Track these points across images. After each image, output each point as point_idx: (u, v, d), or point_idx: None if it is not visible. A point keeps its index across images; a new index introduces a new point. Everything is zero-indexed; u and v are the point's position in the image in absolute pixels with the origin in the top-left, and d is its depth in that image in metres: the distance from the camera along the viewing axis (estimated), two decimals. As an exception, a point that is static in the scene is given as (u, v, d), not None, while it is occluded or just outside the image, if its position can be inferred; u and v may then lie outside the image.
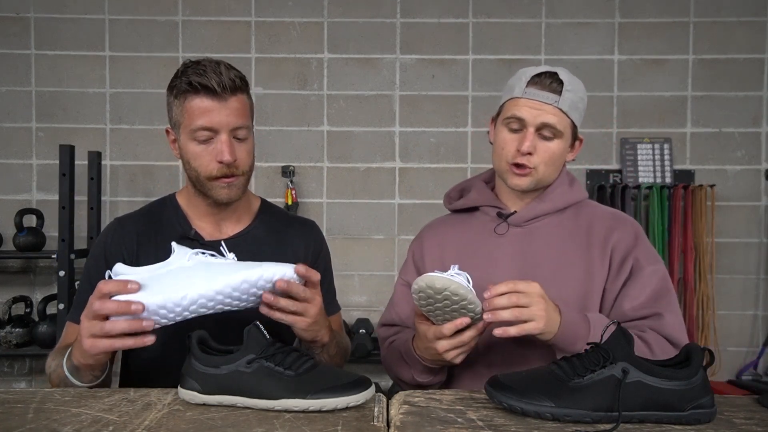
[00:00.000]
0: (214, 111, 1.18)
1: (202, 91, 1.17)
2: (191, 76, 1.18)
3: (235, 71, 1.21)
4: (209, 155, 1.20)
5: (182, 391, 0.96)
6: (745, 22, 3.09)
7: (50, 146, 3.05)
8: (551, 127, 1.23)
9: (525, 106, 1.23)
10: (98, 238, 1.35)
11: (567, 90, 1.23)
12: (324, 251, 1.42)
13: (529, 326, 1.06)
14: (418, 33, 3.13)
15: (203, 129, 1.18)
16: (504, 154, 1.27)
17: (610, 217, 1.32)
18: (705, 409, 0.87)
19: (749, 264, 3.09)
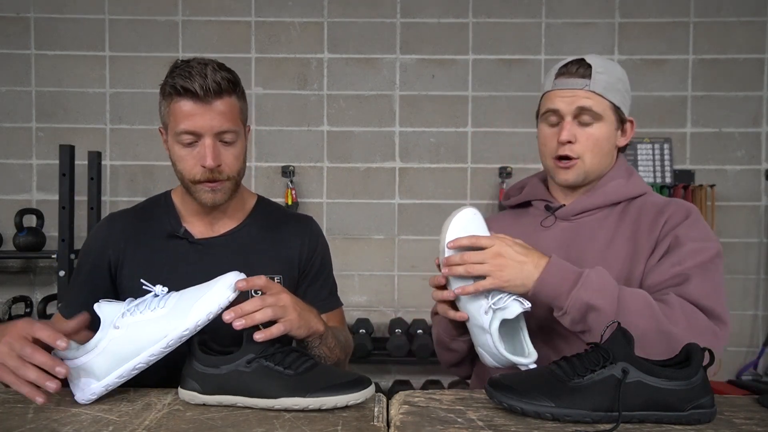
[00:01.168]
0: (197, 115, 1.15)
1: (186, 94, 1.15)
2: (176, 78, 1.15)
3: (223, 73, 1.17)
4: (193, 159, 1.18)
5: (182, 391, 0.96)
6: (745, 22, 3.09)
7: (50, 146, 3.05)
8: (587, 110, 1.20)
9: (557, 97, 1.22)
10: (91, 232, 1.34)
11: (597, 72, 1.21)
12: (321, 246, 1.39)
13: (484, 283, 1.03)
14: (418, 33, 3.13)
15: (186, 133, 1.16)
16: (547, 150, 1.25)
17: (663, 203, 1.25)
18: (705, 409, 0.87)
19: (749, 264, 3.09)
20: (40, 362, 0.89)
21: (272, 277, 1.28)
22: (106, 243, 1.27)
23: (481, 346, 1.07)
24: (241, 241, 1.29)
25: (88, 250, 1.30)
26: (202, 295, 0.96)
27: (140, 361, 0.93)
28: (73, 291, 1.30)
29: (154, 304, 0.95)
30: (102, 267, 1.26)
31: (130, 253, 1.26)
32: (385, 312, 3.12)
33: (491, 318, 1.03)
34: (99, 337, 0.94)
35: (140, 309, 0.95)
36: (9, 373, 0.89)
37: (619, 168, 1.29)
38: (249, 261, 1.27)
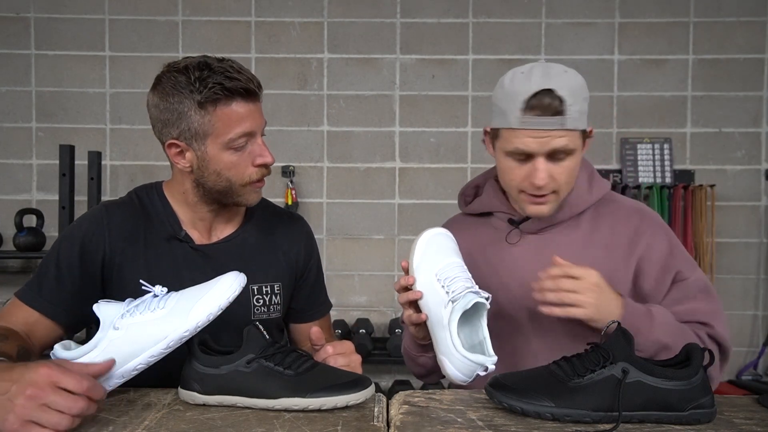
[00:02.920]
0: (249, 115, 1.12)
1: (235, 95, 1.09)
2: (222, 81, 1.07)
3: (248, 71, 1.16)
4: (245, 161, 1.14)
5: (182, 391, 0.96)
6: (745, 22, 3.09)
7: (50, 146, 3.05)
8: (562, 150, 1.11)
9: (528, 137, 1.10)
10: (79, 220, 1.20)
11: (570, 105, 1.09)
12: (315, 249, 1.38)
13: (574, 311, 1.05)
14: (418, 33, 3.13)
15: (244, 135, 1.12)
16: (514, 185, 1.17)
17: (636, 215, 1.23)
18: (705, 409, 0.87)
19: (749, 264, 3.09)
20: (78, 410, 0.81)
21: (272, 285, 1.27)
22: (101, 237, 1.16)
23: (443, 350, 1.04)
24: (239, 248, 1.26)
25: (76, 236, 1.17)
26: (203, 295, 0.95)
27: (140, 362, 0.93)
28: (46, 278, 1.14)
29: (154, 304, 0.95)
30: (94, 260, 1.16)
31: (130, 254, 1.18)
32: (385, 312, 3.12)
33: (450, 311, 1.01)
34: (99, 337, 0.93)
35: (140, 310, 0.94)
36: (38, 427, 0.80)
37: (582, 174, 1.24)
38: (249, 267, 1.21)
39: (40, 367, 0.81)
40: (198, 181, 1.17)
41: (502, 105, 1.14)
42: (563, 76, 1.11)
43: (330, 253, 3.12)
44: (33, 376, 0.80)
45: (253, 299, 1.24)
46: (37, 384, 0.79)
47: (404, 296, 1.10)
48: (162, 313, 0.93)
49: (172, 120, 1.12)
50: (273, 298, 1.27)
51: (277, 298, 1.27)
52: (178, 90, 1.10)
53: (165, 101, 1.12)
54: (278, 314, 1.28)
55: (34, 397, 0.79)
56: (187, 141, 1.13)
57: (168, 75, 1.12)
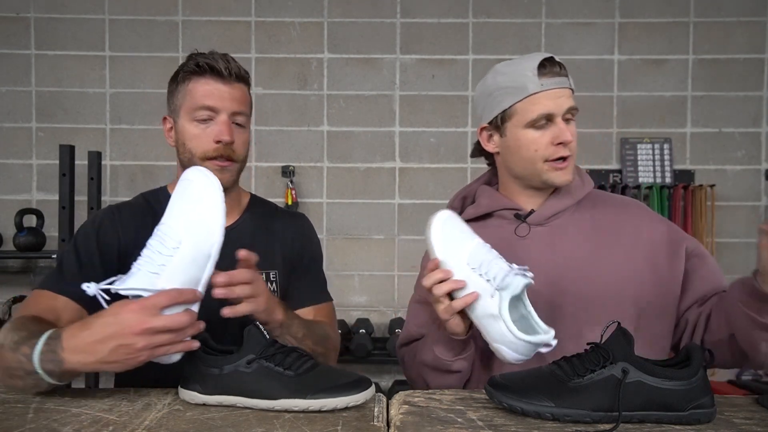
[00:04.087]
0: (217, 92, 1.21)
1: (209, 72, 1.21)
2: (199, 59, 1.22)
3: (241, 65, 1.26)
4: (207, 136, 1.22)
5: (182, 391, 0.96)
6: (745, 22, 3.09)
7: (50, 146, 3.05)
8: (573, 109, 1.20)
9: (547, 99, 1.17)
10: (90, 218, 1.30)
11: (566, 68, 1.22)
12: (312, 242, 1.41)
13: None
14: (418, 33, 3.13)
15: (204, 108, 1.21)
16: (539, 155, 1.19)
17: (631, 204, 1.30)
18: (705, 409, 0.87)
19: (749, 264, 3.06)
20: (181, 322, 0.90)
21: (268, 273, 1.31)
22: (115, 230, 1.24)
23: (497, 338, 1.02)
24: (237, 238, 1.29)
25: (91, 232, 1.24)
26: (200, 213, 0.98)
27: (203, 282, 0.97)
28: (69, 268, 1.19)
29: (165, 249, 0.94)
30: (110, 251, 1.21)
31: (142, 244, 1.16)
32: (385, 312, 3.12)
33: (499, 301, 1.00)
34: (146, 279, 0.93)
35: (160, 260, 0.94)
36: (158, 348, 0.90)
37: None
38: None
39: (128, 305, 0.89)
40: (178, 157, 1.28)
41: (513, 84, 1.19)
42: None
43: (330, 253, 3.12)
44: (130, 317, 0.88)
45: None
46: (140, 320, 0.88)
47: (444, 286, 1.04)
48: (183, 247, 0.94)
49: (168, 99, 1.28)
50: (269, 286, 1.29)
51: (272, 285, 1.31)
52: (175, 73, 1.27)
53: (169, 84, 1.28)
54: None
55: (146, 330, 0.88)
56: (172, 115, 1.27)
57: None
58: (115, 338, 0.88)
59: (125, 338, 0.88)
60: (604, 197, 1.31)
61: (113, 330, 0.88)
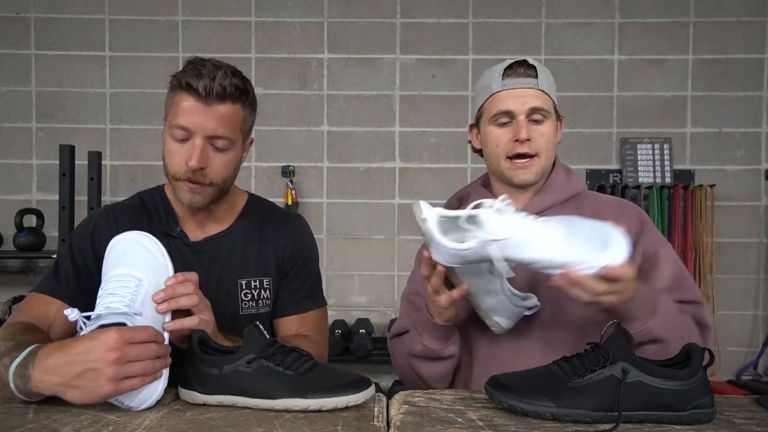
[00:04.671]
0: (194, 113, 1.14)
1: (189, 90, 1.14)
2: (186, 73, 1.15)
3: (235, 80, 1.16)
4: (181, 155, 1.16)
5: (182, 391, 0.96)
6: (745, 22, 3.09)
7: (50, 146, 3.05)
8: (540, 109, 1.22)
9: (508, 98, 1.22)
10: (86, 220, 1.29)
11: (541, 72, 1.24)
12: (305, 245, 1.36)
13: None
14: (418, 33, 3.13)
15: (180, 128, 1.15)
16: (499, 151, 1.25)
17: (616, 204, 1.30)
18: (705, 409, 0.87)
19: (749, 264, 3.09)
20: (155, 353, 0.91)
21: (262, 280, 1.29)
22: (109, 231, 1.22)
23: (496, 310, 1.11)
24: (230, 244, 1.29)
25: (85, 233, 1.24)
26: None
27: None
28: (64, 272, 1.20)
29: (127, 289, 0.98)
30: (104, 254, 1.18)
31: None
32: (385, 312, 3.12)
33: (498, 276, 1.05)
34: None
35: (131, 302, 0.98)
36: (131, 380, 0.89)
37: (559, 166, 1.32)
38: (236, 262, 1.27)
39: (107, 332, 0.88)
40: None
41: (485, 83, 1.27)
42: (530, 58, 1.27)
43: (330, 253, 3.12)
44: (108, 341, 0.87)
45: (241, 293, 1.27)
46: (116, 346, 0.87)
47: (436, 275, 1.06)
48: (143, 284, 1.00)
49: (166, 99, 1.23)
50: (262, 293, 1.29)
51: (266, 292, 1.30)
52: (173, 74, 1.21)
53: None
54: (267, 309, 1.30)
55: (118, 359, 0.86)
56: (165, 119, 1.22)
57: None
58: (85, 362, 0.87)
59: (96, 363, 0.86)
60: (593, 198, 1.32)
61: (86, 353, 0.87)
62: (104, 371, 0.86)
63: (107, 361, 0.86)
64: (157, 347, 0.92)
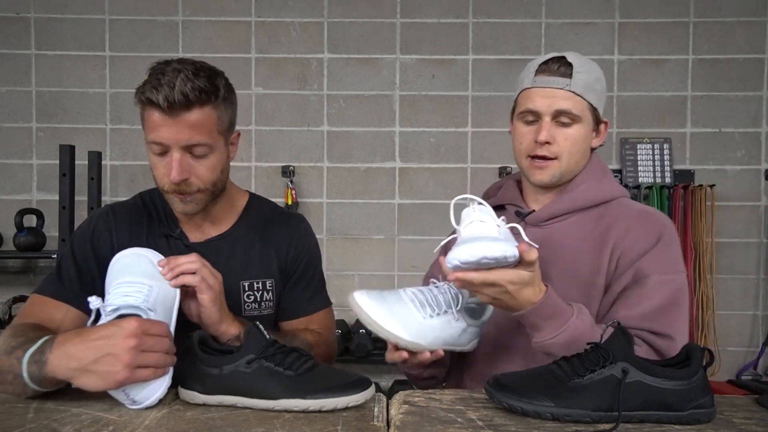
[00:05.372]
0: (164, 127, 1.10)
1: (152, 105, 1.10)
2: (147, 86, 1.10)
3: (198, 82, 1.09)
4: (164, 168, 1.14)
5: (182, 391, 0.96)
6: (745, 22, 3.09)
7: (50, 146, 3.05)
8: (566, 112, 1.17)
9: (537, 96, 1.19)
10: (86, 220, 1.29)
11: (578, 72, 1.18)
12: (308, 247, 1.35)
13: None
14: (418, 33, 3.13)
15: (154, 143, 1.12)
16: (522, 149, 1.22)
17: (636, 216, 1.20)
18: (705, 408, 0.87)
19: (749, 264, 3.09)
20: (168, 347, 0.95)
21: (265, 282, 1.28)
22: (109, 232, 1.24)
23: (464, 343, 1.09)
24: (232, 246, 1.28)
25: (86, 234, 1.24)
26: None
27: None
28: (69, 273, 1.20)
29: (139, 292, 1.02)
30: (105, 254, 1.19)
31: (135, 245, 1.20)
32: (385, 312, 3.12)
33: (462, 318, 1.06)
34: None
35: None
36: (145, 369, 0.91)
37: (591, 170, 1.26)
38: (238, 264, 1.27)
39: (128, 320, 0.91)
40: None
41: (521, 77, 1.25)
42: (578, 55, 1.22)
43: (330, 253, 3.12)
44: (129, 327, 0.90)
45: (243, 295, 1.27)
46: (136, 333, 0.89)
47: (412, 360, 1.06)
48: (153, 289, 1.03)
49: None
50: (264, 295, 1.28)
51: (269, 294, 1.29)
52: (137, 88, 1.15)
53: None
54: (271, 311, 1.30)
55: (137, 345, 0.89)
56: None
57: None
58: (105, 346, 0.89)
59: (115, 348, 0.88)
60: (623, 208, 1.23)
61: (105, 338, 0.90)
62: (122, 357, 0.88)
63: (126, 347, 0.88)
64: (169, 343, 0.95)
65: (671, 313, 1.12)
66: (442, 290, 1.05)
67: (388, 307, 1.01)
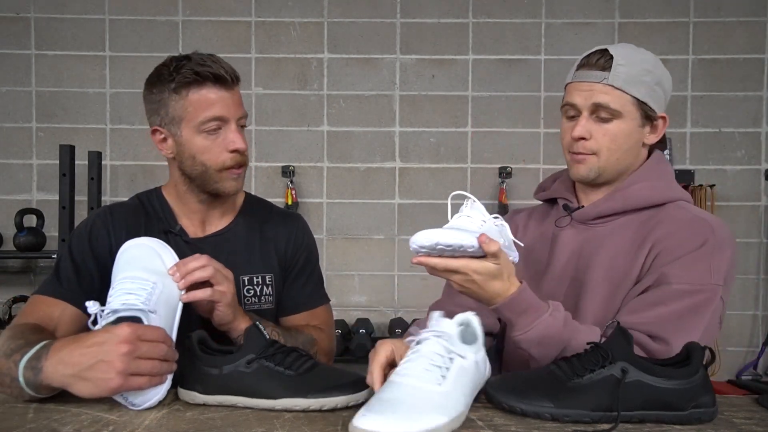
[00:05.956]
0: (223, 100, 1.17)
1: (210, 80, 1.16)
2: (194, 67, 1.16)
3: (226, 63, 1.21)
4: (218, 147, 1.18)
5: (182, 391, 0.96)
6: (745, 22, 3.09)
7: (50, 146, 3.05)
8: (604, 107, 1.13)
9: (576, 90, 1.16)
10: (84, 221, 1.30)
11: (619, 64, 1.13)
12: (306, 243, 1.38)
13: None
14: (418, 33, 3.13)
15: (214, 119, 1.17)
16: (564, 143, 1.21)
17: (686, 220, 1.13)
18: (706, 408, 0.87)
19: (749, 264, 3.09)
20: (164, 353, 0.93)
21: (265, 276, 1.30)
22: (107, 233, 1.24)
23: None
24: (231, 241, 1.29)
25: (84, 235, 1.24)
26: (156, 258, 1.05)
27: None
28: (65, 273, 1.20)
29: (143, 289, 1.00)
30: (103, 254, 1.21)
31: None
32: (385, 312, 3.12)
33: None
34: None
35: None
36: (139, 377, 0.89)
37: (647, 170, 1.20)
38: (238, 259, 1.28)
39: (121, 326, 0.89)
40: (181, 168, 1.24)
41: (569, 72, 1.22)
42: (628, 46, 1.17)
43: (330, 253, 3.12)
44: (121, 334, 0.88)
45: (243, 290, 1.28)
46: (129, 340, 0.88)
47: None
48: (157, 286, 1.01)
49: (155, 108, 1.21)
50: (264, 289, 1.30)
51: (268, 289, 1.30)
52: (159, 80, 1.20)
53: (148, 91, 1.22)
54: (270, 305, 1.31)
55: (130, 352, 0.87)
56: (167, 126, 1.21)
57: (155, 68, 1.23)
58: (98, 353, 0.88)
59: (108, 354, 0.87)
60: (678, 212, 1.16)
61: (99, 345, 0.89)
62: (115, 363, 0.87)
63: (119, 353, 0.87)
64: (167, 349, 0.93)
65: (685, 322, 1.05)
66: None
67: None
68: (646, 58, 1.17)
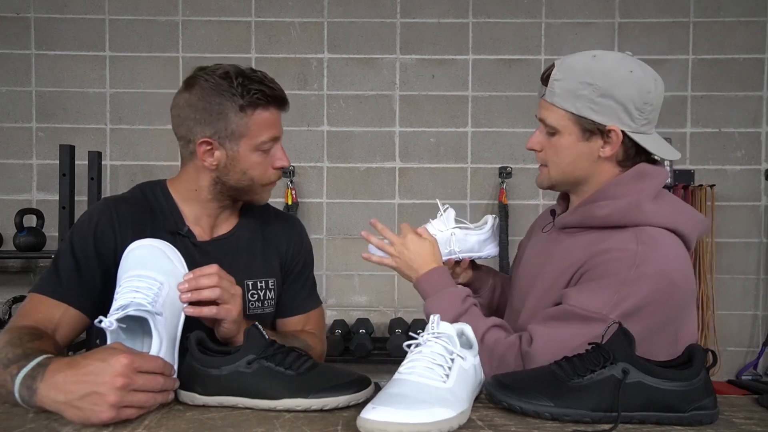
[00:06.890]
0: (279, 122, 1.24)
1: (272, 103, 1.21)
2: (263, 88, 1.18)
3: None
4: (267, 163, 1.23)
5: (182, 392, 0.96)
6: (745, 22, 3.09)
7: (50, 146, 3.05)
8: (544, 121, 1.16)
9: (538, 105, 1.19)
10: (87, 214, 1.24)
11: (555, 79, 1.11)
12: (305, 246, 1.41)
13: (387, 261, 1.29)
14: (418, 33, 3.13)
15: (272, 140, 1.22)
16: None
17: (619, 250, 1.06)
18: (707, 410, 0.87)
19: (749, 264, 3.09)
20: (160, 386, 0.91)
21: (267, 281, 1.31)
22: (112, 227, 1.20)
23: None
24: (236, 245, 1.29)
25: (88, 232, 1.20)
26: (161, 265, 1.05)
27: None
28: (69, 271, 1.16)
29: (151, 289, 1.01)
30: (107, 252, 1.18)
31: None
32: (385, 312, 3.12)
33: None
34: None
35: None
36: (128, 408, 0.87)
37: (616, 186, 1.12)
38: (243, 263, 1.28)
39: (118, 357, 0.87)
40: (220, 178, 1.23)
41: None
42: (582, 56, 1.17)
43: (330, 253, 3.12)
44: (117, 366, 0.86)
45: (248, 294, 1.28)
46: (124, 373, 0.86)
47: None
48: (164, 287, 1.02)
49: (209, 119, 1.18)
50: (267, 293, 1.31)
51: (271, 293, 1.31)
52: (219, 92, 1.17)
53: (204, 101, 1.17)
54: (272, 309, 1.33)
55: (124, 386, 0.85)
56: (221, 140, 1.19)
57: (207, 78, 1.18)
58: (92, 383, 0.85)
59: (101, 387, 0.85)
60: (618, 240, 1.08)
61: (94, 374, 0.86)
62: (108, 396, 0.84)
63: (113, 387, 0.84)
64: (164, 380, 0.91)
65: (557, 335, 1.04)
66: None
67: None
68: (591, 69, 1.11)
